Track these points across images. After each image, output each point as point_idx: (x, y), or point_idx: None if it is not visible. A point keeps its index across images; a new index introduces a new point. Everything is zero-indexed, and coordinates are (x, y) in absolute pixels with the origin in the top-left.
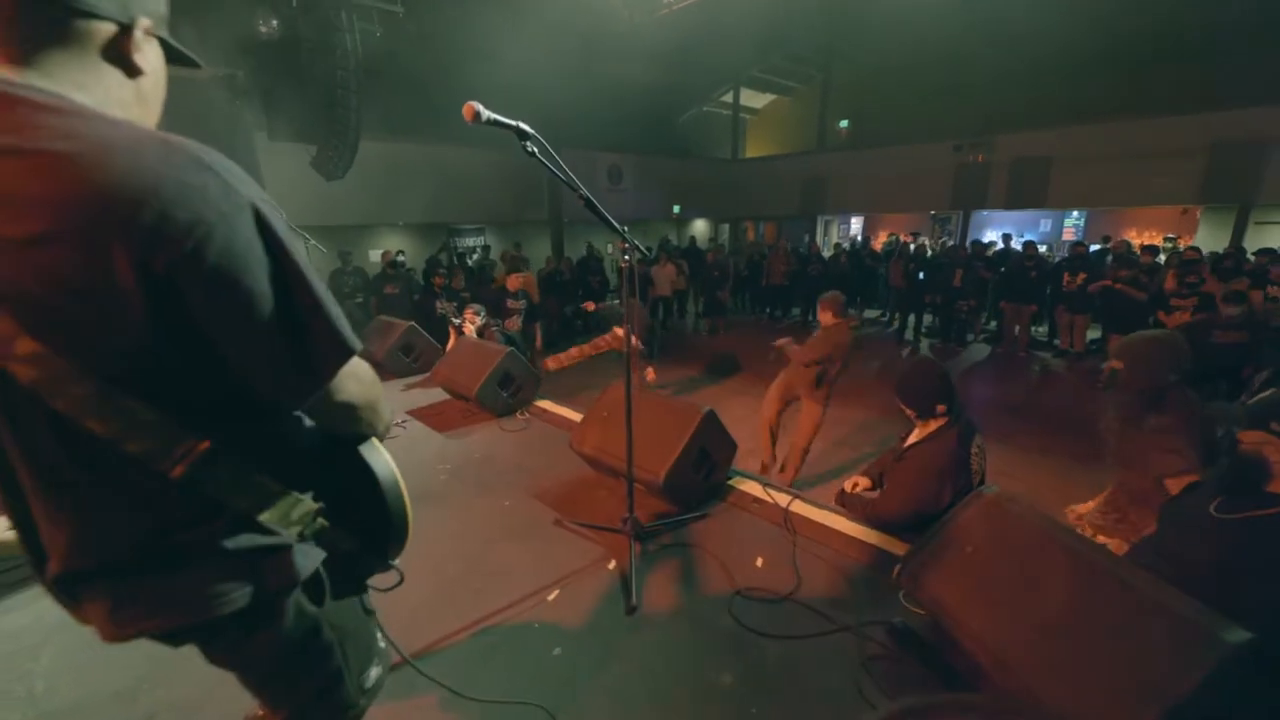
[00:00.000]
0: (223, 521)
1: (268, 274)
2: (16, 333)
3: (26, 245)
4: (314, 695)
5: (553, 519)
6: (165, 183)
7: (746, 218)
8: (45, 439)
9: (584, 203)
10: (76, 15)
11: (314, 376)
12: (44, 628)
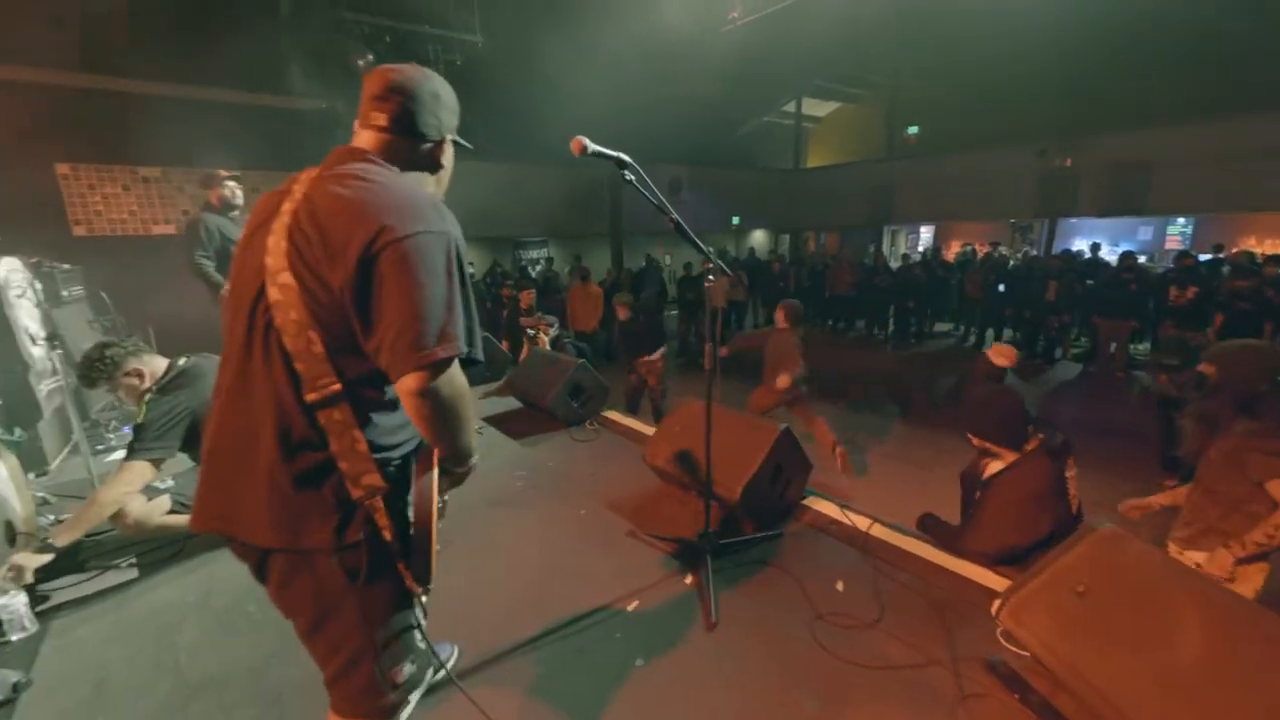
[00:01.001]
0: (314, 459)
1: (431, 276)
2: (285, 268)
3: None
4: (341, 667)
5: (626, 530)
6: (409, 206)
7: (808, 228)
8: (258, 343)
9: (674, 225)
10: (420, 141)
11: (428, 350)
12: (185, 605)
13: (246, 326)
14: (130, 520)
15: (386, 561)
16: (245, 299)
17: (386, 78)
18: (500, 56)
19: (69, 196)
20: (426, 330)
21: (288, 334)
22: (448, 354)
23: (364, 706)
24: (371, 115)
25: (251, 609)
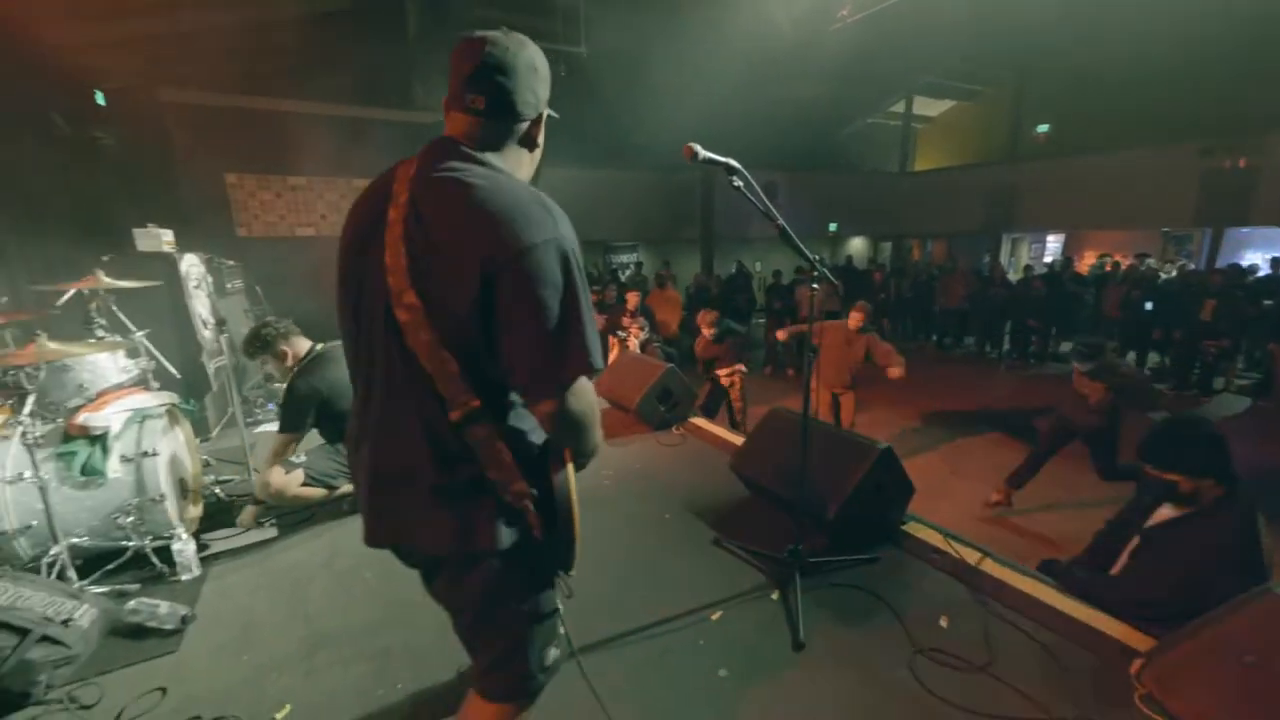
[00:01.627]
0: (471, 476)
1: (555, 290)
2: (407, 287)
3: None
4: (503, 654)
5: (712, 538)
6: (519, 215)
7: (913, 235)
8: (398, 368)
9: (779, 232)
10: (518, 121)
11: (559, 373)
12: (313, 565)
13: (382, 346)
14: (272, 489)
15: (540, 555)
16: (376, 319)
17: (480, 54)
18: (602, 65)
19: (235, 202)
20: (557, 353)
21: (422, 356)
22: (578, 374)
23: (519, 689)
24: (467, 98)
25: (367, 575)
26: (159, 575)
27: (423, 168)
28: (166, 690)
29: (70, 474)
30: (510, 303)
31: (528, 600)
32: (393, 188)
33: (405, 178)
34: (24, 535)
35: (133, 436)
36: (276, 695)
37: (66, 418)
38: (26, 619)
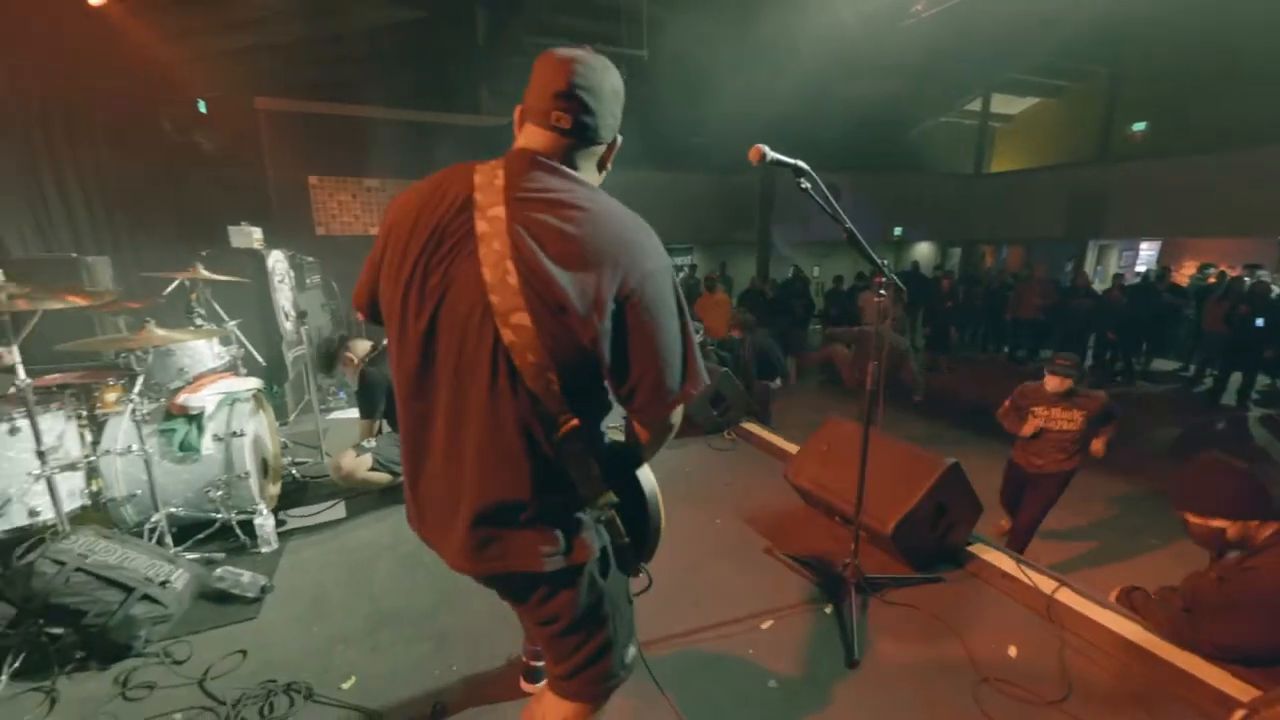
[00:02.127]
0: (562, 494)
1: (675, 312)
2: (518, 306)
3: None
4: (589, 657)
5: (763, 546)
6: (633, 242)
7: (986, 241)
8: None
9: (847, 236)
10: (595, 144)
11: (680, 393)
12: (379, 545)
13: (481, 365)
14: (343, 470)
15: (624, 557)
16: (470, 334)
17: (570, 73)
18: (662, 67)
19: (315, 203)
20: (674, 373)
21: (527, 376)
22: (696, 391)
23: (601, 690)
24: (554, 115)
25: (428, 560)
26: (241, 547)
27: (513, 181)
28: (247, 653)
29: (170, 449)
30: (636, 328)
31: (616, 603)
32: (473, 196)
33: (489, 187)
34: (130, 503)
35: (224, 417)
36: (343, 666)
37: (168, 398)
38: (132, 578)
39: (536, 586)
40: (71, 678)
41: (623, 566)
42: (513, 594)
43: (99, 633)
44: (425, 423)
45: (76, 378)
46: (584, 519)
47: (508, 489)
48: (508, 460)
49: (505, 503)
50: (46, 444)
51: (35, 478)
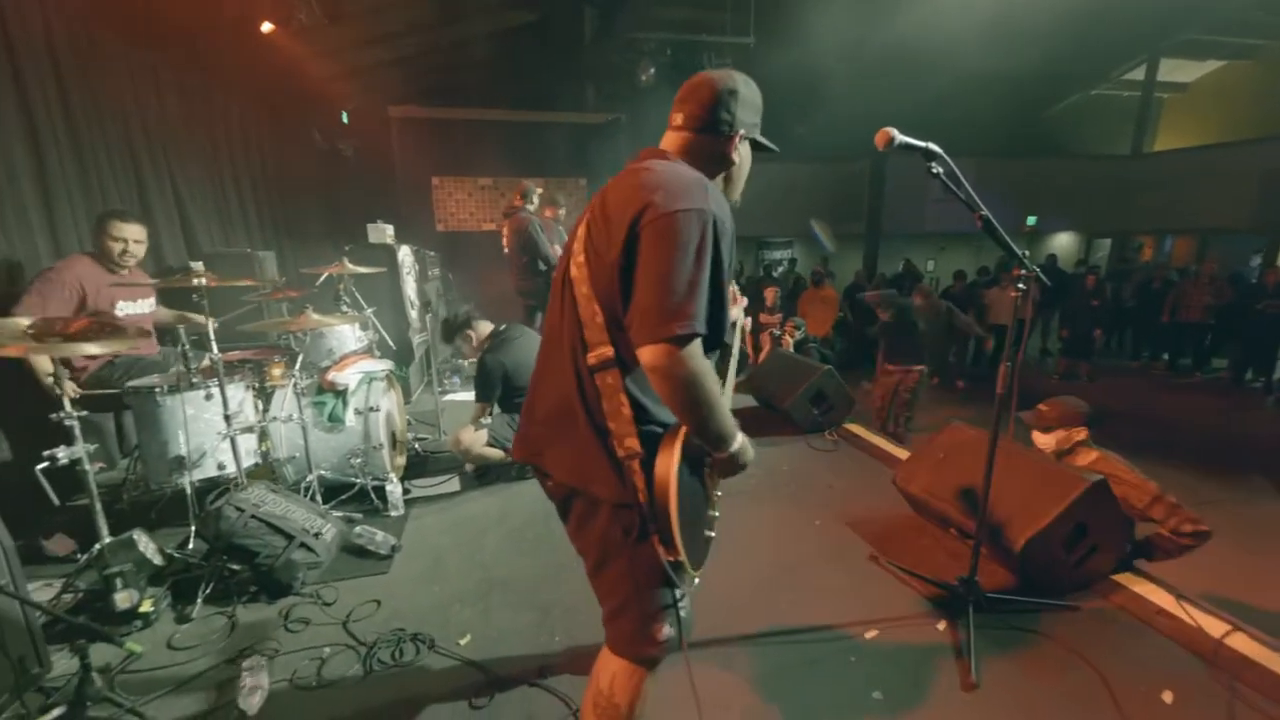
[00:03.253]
0: (597, 418)
1: (686, 251)
2: (581, 250)
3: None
4: (615, 609)
5: (867, 553)
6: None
7: (1144, 231)
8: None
9: (982, 224)
10: (713, 137)
11: (663, 324)
12: (489, 518)
13: (559, 299)
14: (462, 444)
15: (646, 526)
16: (558, 278)
17: (690, 81)
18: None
19: (436, 201)
20: (667, 306)
21: (580, 306)
22: (681, 331)
23: (628, 650)
24: (673, 116)
25: (531, 536)
26: (375, 509)
27: (627, 166)
28: (380, 603)
29: (321, 419)
30: (644, 254)
31: (633, 564)
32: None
33: None
34: (290, 463)
35: (364, 394)
36: (460, 625)
37: (320, 375)
38: (293, 528)
39: (571, 503)
40: (247, 607)
41: (644, 534)
42: (560, 508)
43: (267, 571)
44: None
45: (251, 355)
46: (609, 456)
47: (556, 399)
48: (560, 375)
49: (553, 410)
50: (231, 409)
51: (223, 437)
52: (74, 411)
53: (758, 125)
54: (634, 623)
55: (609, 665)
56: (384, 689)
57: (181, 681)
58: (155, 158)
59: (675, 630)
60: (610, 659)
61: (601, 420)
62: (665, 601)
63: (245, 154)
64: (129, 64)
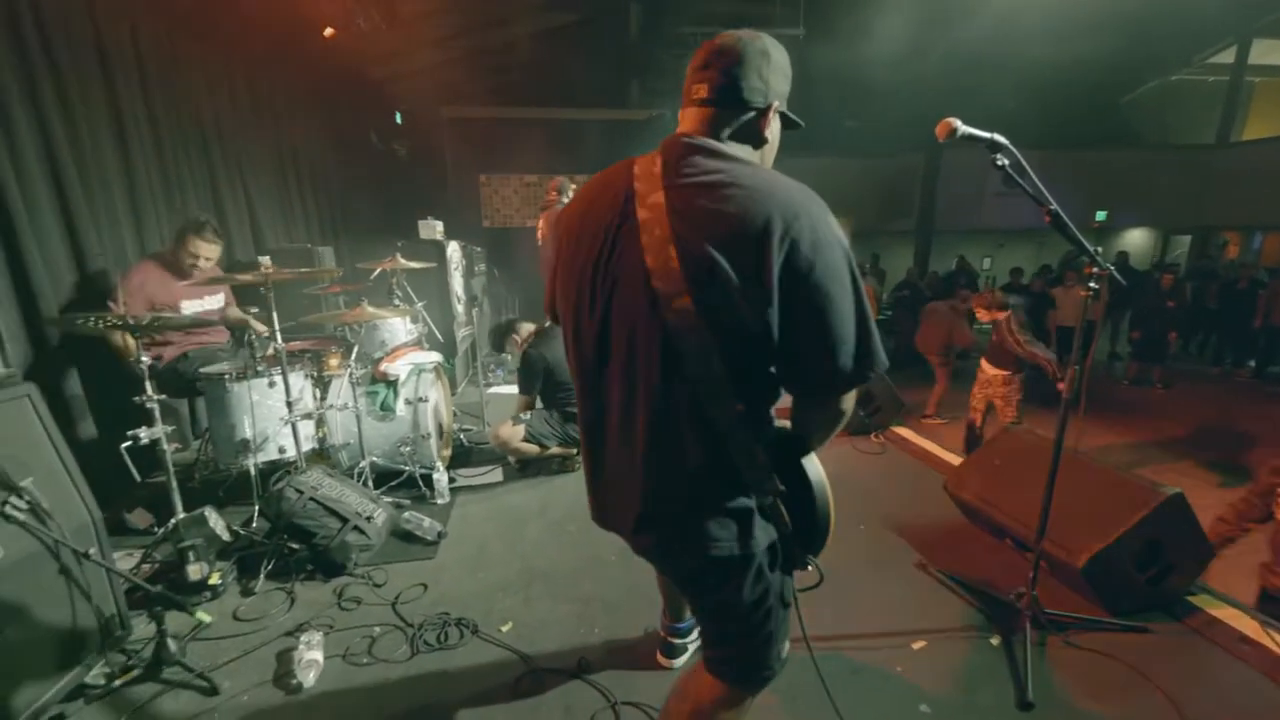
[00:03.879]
0: (730, 479)
1: (852, 288)
2: (680, 290)
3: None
4: (748, 647)
5: (915, 560)
6: (798, 214)
7: (1229, 227)
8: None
9: (1050, 219)
10: (744, 110)
11: (854, 375)
12: (529, 510)
13: (648, 351)
14: (501, 438)
15: (789, 548)
16: (638, 321)
17: (709, 45)
18: (817, 45)
19: (483, 198)
20: (846, 352)
21: (689, 359)
22: (869, 373)
23: (755, 679)
24: (694, 89)
25: (571, 529)
26: (422, 497)
27: (669, 167)
28: (427, 587)
29: (373, 408)
30: (804, 303)
31: (780, 597)
32: (634, 185)
33: (648, 175)
34: (344, 450)
35: (413, 385)
36: (502, 612)
37: (373, 365)
38: (347, 511)
39: (707, 572)
40: (304, 584)
41: (788, 559)
42: (683, 578)
43: (323, 551)
44: (602, 416)
45: (310, 345)
46: (752, 507)
47: (674, 475)
48: (674, 446)
49: (673, 489)
50: (292, 397)
51: (284, 422)
52: (154, 395)
53: (787, 95)
54: (767, 654)
55: (713, 688)
56: (430, 669)
57: (246, 651)
58: (228, 160)
59: (788, 642)
60: (712, 684)
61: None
62: (791, 616)
63: (307, 154)
64: (205, 73)
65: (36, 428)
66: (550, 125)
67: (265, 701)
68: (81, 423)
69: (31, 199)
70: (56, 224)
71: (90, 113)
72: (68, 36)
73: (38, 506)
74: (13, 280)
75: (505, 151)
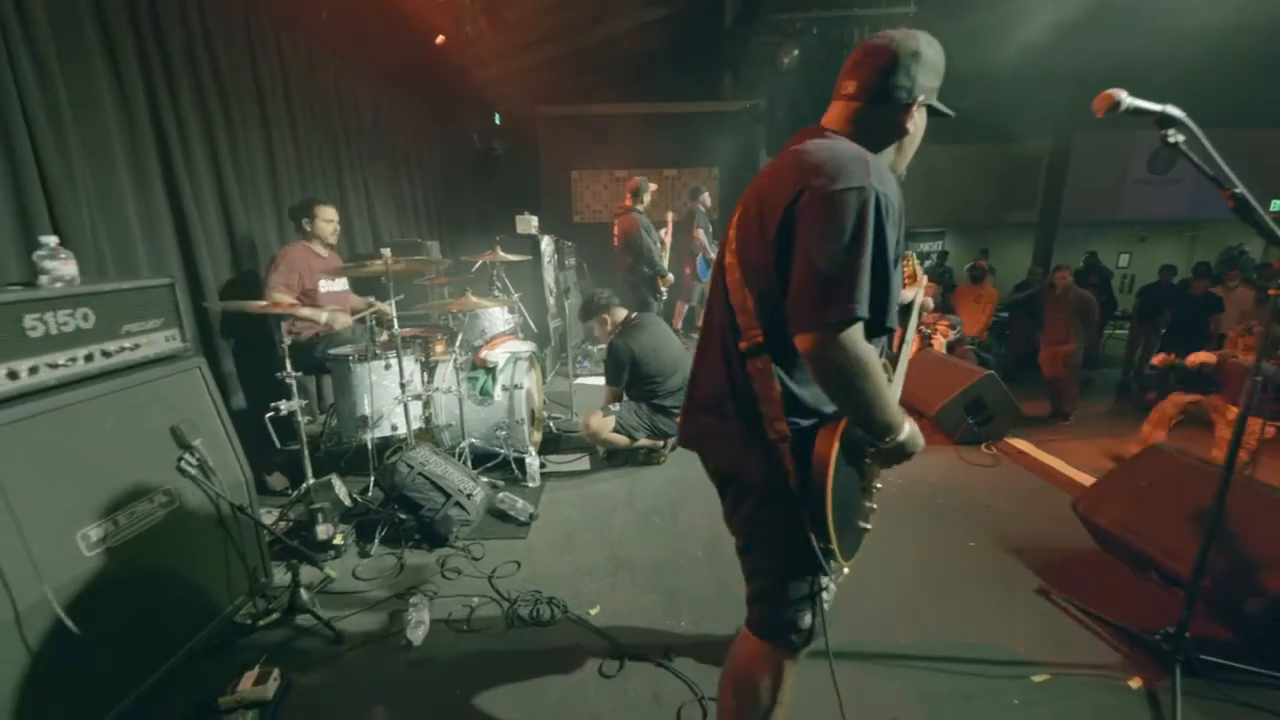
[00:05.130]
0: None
1: (845, 231)
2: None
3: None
4: (759, 590)
5: (1036, 585)
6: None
7: None
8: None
9: (1235, 205)
10: (888, 106)
11: (821, 311)
12: (616, 499)
13: (718, 287)
14: (591, 429)
15: (795, 511)
16: (718, 266)
17: (864, 45)
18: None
19: (575, 194)
20: (822, 291)
21: (732, 292)
22: (837, 316)
23: (769, 633)
24: (843, 84)
25: (656, 520)
26: (515, 479)
27: (785, 150)
28: (520, 565)
29: (474, 393)
30: (801, 238)
31: (781, 548)
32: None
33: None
34: (446, 430)
35: (510, 372)
36: (589, 596)
37: (474, 352)
38: (450, 487)
39: (729, 482)
40: (412, 552)
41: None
42: (720, 490)
43: (429, 523)
44: None
45: (419, 332)
46: (761, 439)
47: (711, 385)
48: (714, 361)
49: (709, 396)
50: (405, 378)
51: (397, 401)
52: (291, 372)
53: (937, 89)
54: (776, 606)
55: (748, 646)
56: (523, 642)
57: (365, 606)
58: (351, 159)
59: (818, 620)
60: (750, 640)
61: (752, 404)
62: (809, 590)
63: (417, 154)
64: (335, 83)
65: (204, 396)
66: (641, 120)
67: (380, 654)
68: (234, 395)
69: (200, 198)
70: (218, 219)
71: (245, 121)
72: (230, 59)
73: (205, 464)
74: (184, 267)
75: (596, 147)
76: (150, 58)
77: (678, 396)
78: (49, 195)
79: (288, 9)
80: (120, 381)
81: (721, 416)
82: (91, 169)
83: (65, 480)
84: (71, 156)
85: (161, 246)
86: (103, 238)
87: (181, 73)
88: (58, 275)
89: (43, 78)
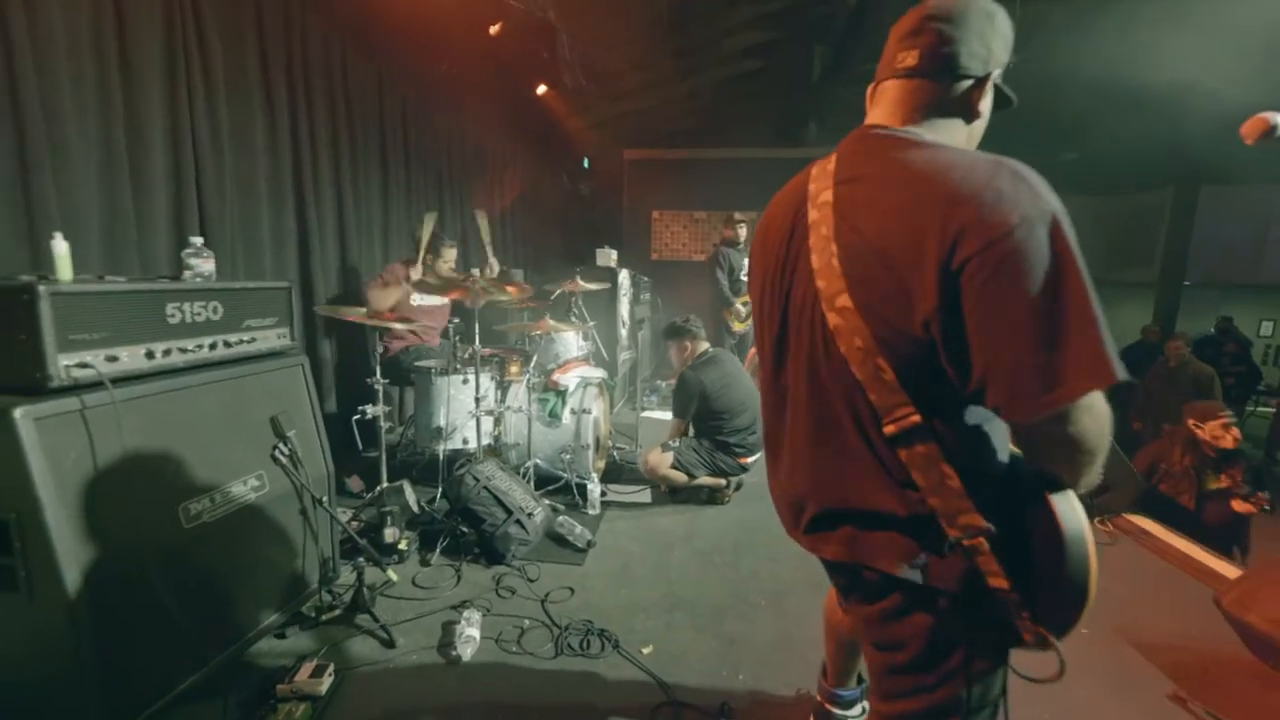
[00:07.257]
0: (910, 496)
1: (1046, 279)
2: (843, 290)
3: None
4: (923, 712)
5: (1169, 690)
6: (986, 191)
7: None
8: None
9: None
10: (957, 79)
11: (1054, 393)
12: (675, 535)
13: (813, 356)
14: (650, 465)
15: (994, 612)
16: (804, 326)
17: (923, 8)
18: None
19: (654, 232)
20: (1049, 361)
21: (853, 362)
22: (1087, 388)
23: None
24: (899, 57)
25: (717, 560)
26: (575, 505)
27: (843, 163)
28: (573, 592)
29: (543, 414)
30: (982, 302)
31: (970, 662)
32: (809, 187)
33: (822, 174)
34: (514, 449)
35: (579, 397)
36: (643, 633)
37: (546, 375)
38: (512, 504)
39: (891, 591)
40: (470, 566)
41: (1003, 621)
42: (862, 591)
43: (488, 538)
44: (778, 423)
45: (497, 352)
46: (947, 538)
47: (843, 486)
48: (841, 455)
49: (845, 500)
50: (480, 394)
51: (471, 416)
52: (380, 379)
53: (1005, 63)
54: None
55: None
56: (572, 672)
57: (420, 615)
58: (454, 193)
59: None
60: None
61: (920, 503)
62: (992, 705)
63: (511, 190)
64: (448, 129)
65: (303, 392)
66: (725, 165)
67: (430, 664)
68: (328, 397)
69: (322, 221)
70: (334, 237)
71: (367, 160)
72: (362, 106)
73: (295, 454)
74: (301, 277)
75: (678, 189)
76: (298, 101)
77: (743, 435)
78: (202, 207)
79: (413, 63)
80: (235, 370)
81: (878, 526)
82: (238, 187)
83: (178, 455)
84: (225, 176)
85: (284, 257)
86: (239, 246)
87: (321, 116)
88: (198, 271)
89: (211, 110)
